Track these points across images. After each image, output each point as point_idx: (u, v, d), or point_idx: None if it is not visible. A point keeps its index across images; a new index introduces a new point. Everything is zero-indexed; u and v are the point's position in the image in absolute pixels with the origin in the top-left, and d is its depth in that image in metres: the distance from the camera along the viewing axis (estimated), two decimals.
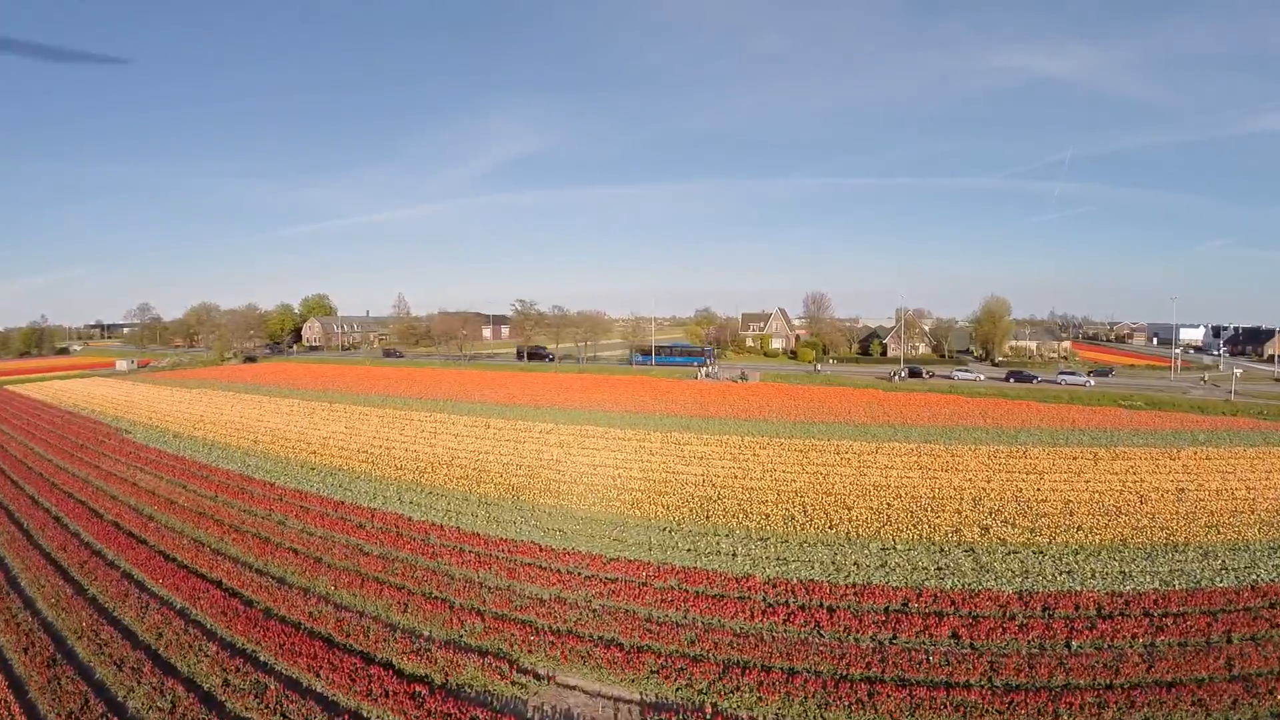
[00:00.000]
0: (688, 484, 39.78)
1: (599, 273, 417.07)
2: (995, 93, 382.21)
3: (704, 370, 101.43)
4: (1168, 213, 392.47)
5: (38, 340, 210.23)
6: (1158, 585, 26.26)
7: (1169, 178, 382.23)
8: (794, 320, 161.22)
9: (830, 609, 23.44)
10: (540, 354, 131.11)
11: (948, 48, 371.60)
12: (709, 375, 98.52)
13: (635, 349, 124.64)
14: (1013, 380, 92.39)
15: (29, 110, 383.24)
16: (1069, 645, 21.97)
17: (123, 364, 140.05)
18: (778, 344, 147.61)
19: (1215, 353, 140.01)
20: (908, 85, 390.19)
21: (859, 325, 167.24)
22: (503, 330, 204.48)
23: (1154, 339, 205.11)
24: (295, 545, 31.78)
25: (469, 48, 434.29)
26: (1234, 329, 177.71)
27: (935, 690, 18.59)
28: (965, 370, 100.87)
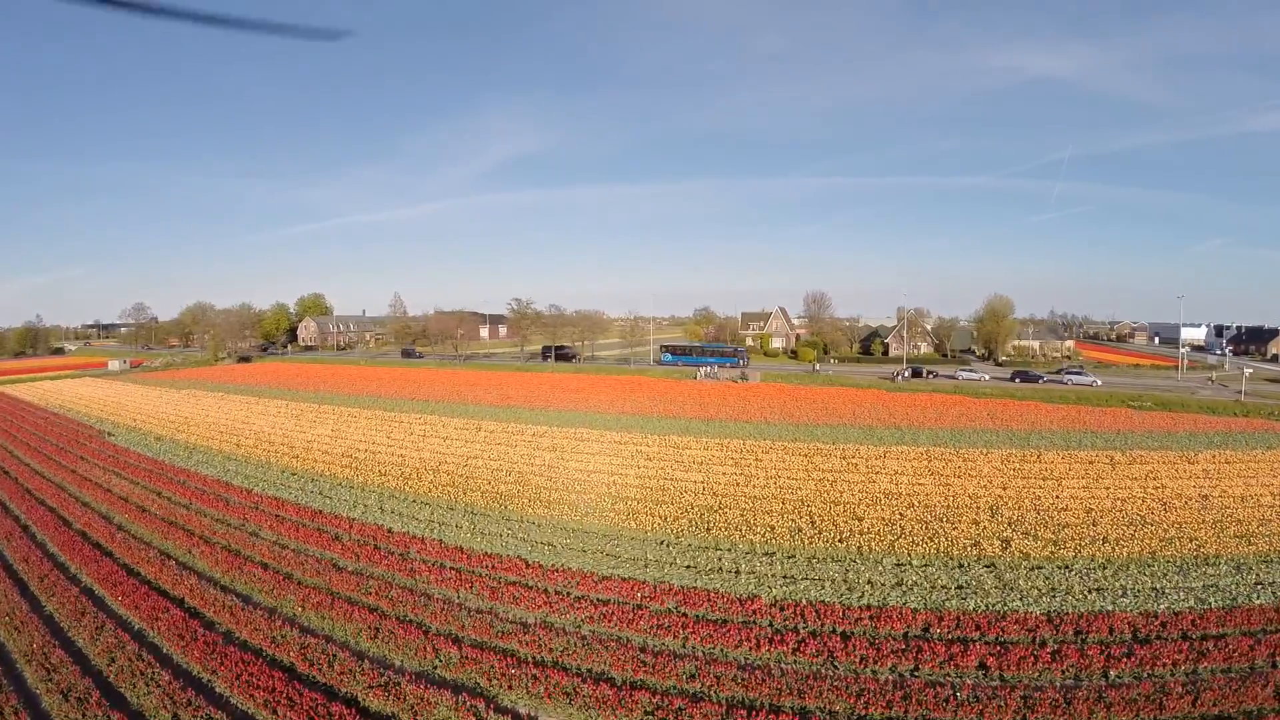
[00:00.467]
0: (687, 492, 37.56)
1: (598, 273, 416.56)
2: (994, 92, 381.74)
3: (703, 370, 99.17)
4: (1167, 212, 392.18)
5: (32, 340, 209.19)
6: (1193, 604, 24.24)
7: (1168, 177, 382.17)
8: (794, 319, 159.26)
9: (844, 635, 21.26)
10: (566, 354, 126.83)
11: (947, 47, 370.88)
12: (708, 375, 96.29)
13: (664, 348, 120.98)
14: (1018, 380, 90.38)
15: (27, 110, 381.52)
16: (1106, 676, 19.89)
17: (115, 364, 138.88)
18: (778, 343, 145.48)
19: (1218, 352, 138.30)
20: (907, 85, 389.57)
21: (860, 324, 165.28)
22: (500, 330, 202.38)
23: (1155, 338, 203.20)
24: (266, 559, 29.68)
25: (467, 46, 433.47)
26: (1236, 328, 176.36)
27: None
28: (969, 370, 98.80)
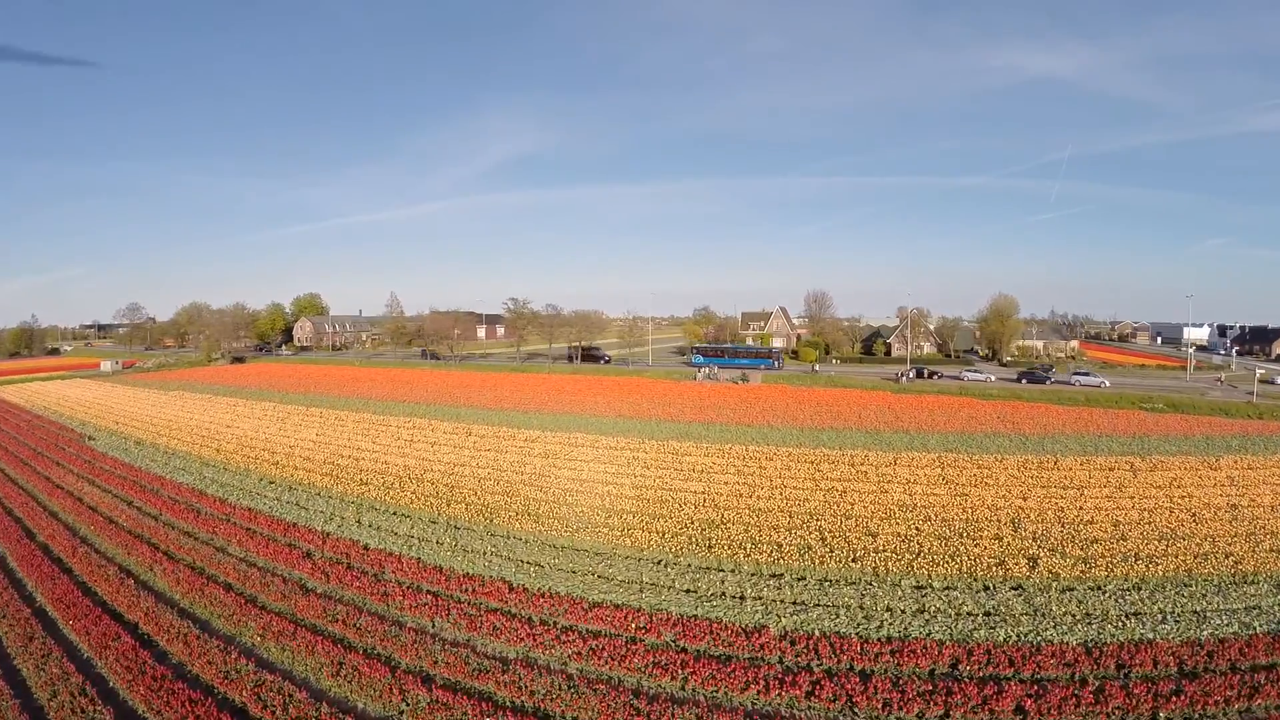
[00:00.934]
0: (686, 504, 35.07)
1: (597, 273, 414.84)
2: (993, 92, 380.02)
3: (703, 371, 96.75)
4: (1166, 212, 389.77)
5: (28, 340, 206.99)
6: (1237, 629, 22.18)
7: (1167, 177, 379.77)
8: (795, 319, 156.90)
9: (864, 675, 18.88)
10: (594, 354, 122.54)
11: (947, 47, 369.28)
12: (708, 376, 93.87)
13: (696, 350, 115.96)
14: (1025, 381, 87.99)
15: (24, 111, 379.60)
16: (1156, 718, 17.67)
17: (107, 365, 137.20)
18: (779, 343, 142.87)
19: (1221, 352, 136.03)
20: (906, 84, 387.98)
21: (861, 324, 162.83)
22: (498, 330, 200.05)
23: (1158, 338, 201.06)
24: (230, 579, 27.47)
25: (465, 46, 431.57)
26: (1240, 328, 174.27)
27: None
28: (975, 371, 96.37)
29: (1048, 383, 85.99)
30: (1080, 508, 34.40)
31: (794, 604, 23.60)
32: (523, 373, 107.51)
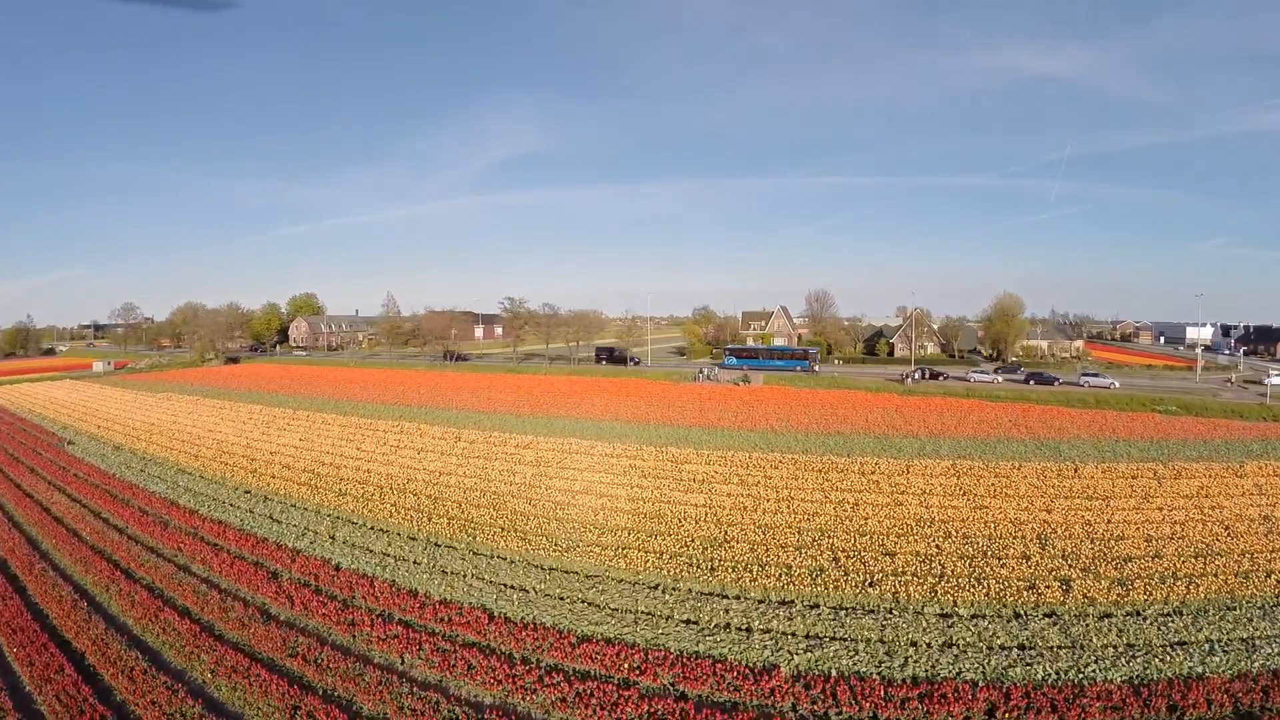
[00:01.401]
0: (687, 519, 32.49)
1: (596, 273, 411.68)
2: (992, 92, 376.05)
3: (704, 372, 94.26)
4: (1166, 211, 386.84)
5: (23, 341, 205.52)
6: None
7: (1167, 176, 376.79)
8: (796, 319, 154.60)
9: None
10: (619, 356, 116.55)
11: (946, 47, 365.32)
12: (708, 377, 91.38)
13: (729, 351, 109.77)
14: (1032, 382, 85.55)
15: (25, 110, 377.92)
16: None
17: (99, 365, 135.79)
18: (780, 343, 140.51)
19: (1226, 352, 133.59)
20: (904, 84, 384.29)
21: (863, 324, 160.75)
22: (496, 330, 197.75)
23: (1161, 338, 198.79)
24: (189, 603, 25.16)
25: (463, 47, 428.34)
26: (1244, 327, 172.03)
27: None
28: (981, 372, 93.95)
29: (1055, 384, 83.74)
30: (1108, 521, 32.06)
31: (807, 638, 21.12)
32: (519, 373, 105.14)
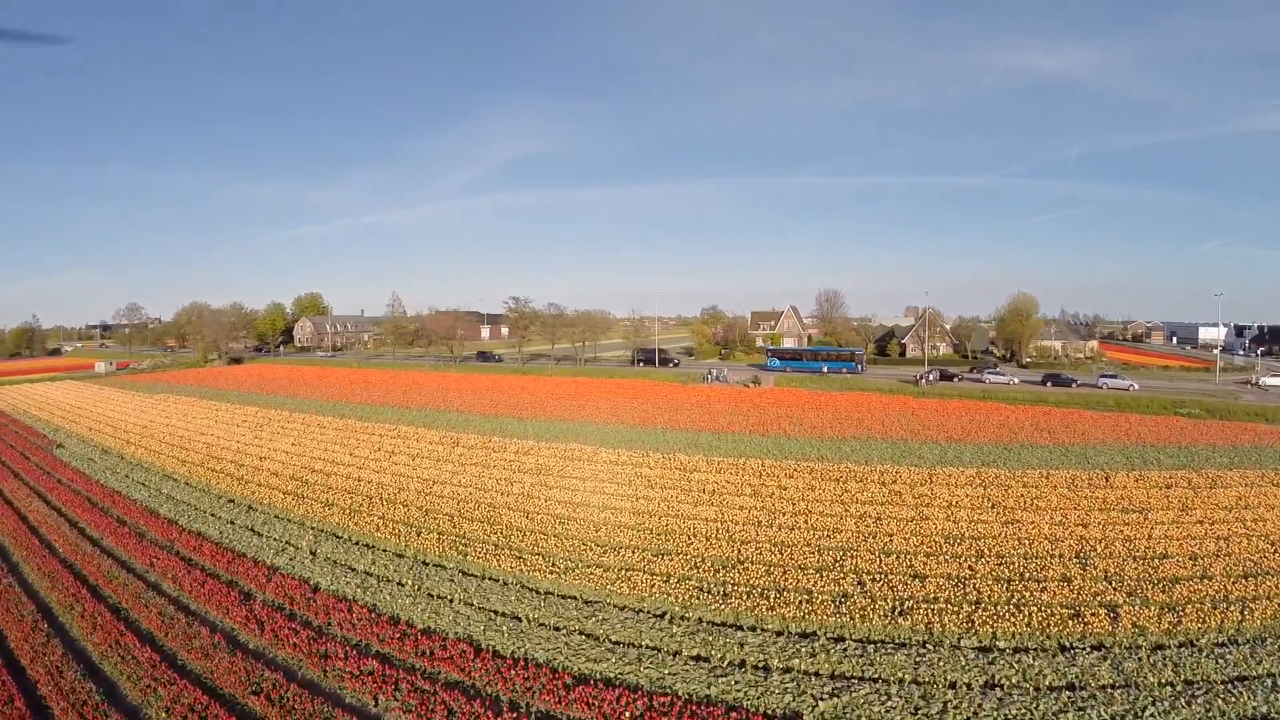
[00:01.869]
0: (697, 536, 29.92)
1: (602, 273, 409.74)
2: (999, 91, 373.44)
3: (713, 374, 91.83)
4: (1175, 211, 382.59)
5: (28, 341, 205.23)
6: None
7: (1176, 176, 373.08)
8: (805, 319, 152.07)
9: None
10: (662, 358, 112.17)
11: (953, 46, 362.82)
12: (718, 379, 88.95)
13: (770, 353, 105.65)
14: (1050, 384, 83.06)
15: (33, 112, 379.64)
16: None
17: (101, 366, 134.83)
18: (790, 344, 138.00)
19: (1240, 352, 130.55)
20: (911, 84, 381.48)
21: (874, 324, 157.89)
22: (502, 330, 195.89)
23: (1173, 338, 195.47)
24: (153, 628, 23.16)
25: (468, 48, 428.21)
26: (1258, 327, 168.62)
27: None
28: (997, 373, 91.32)
29: (1073, 386, 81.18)
30: (1148, 536, 29.62)
31: (832, 678, 18.66)
32: (524, 374, 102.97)
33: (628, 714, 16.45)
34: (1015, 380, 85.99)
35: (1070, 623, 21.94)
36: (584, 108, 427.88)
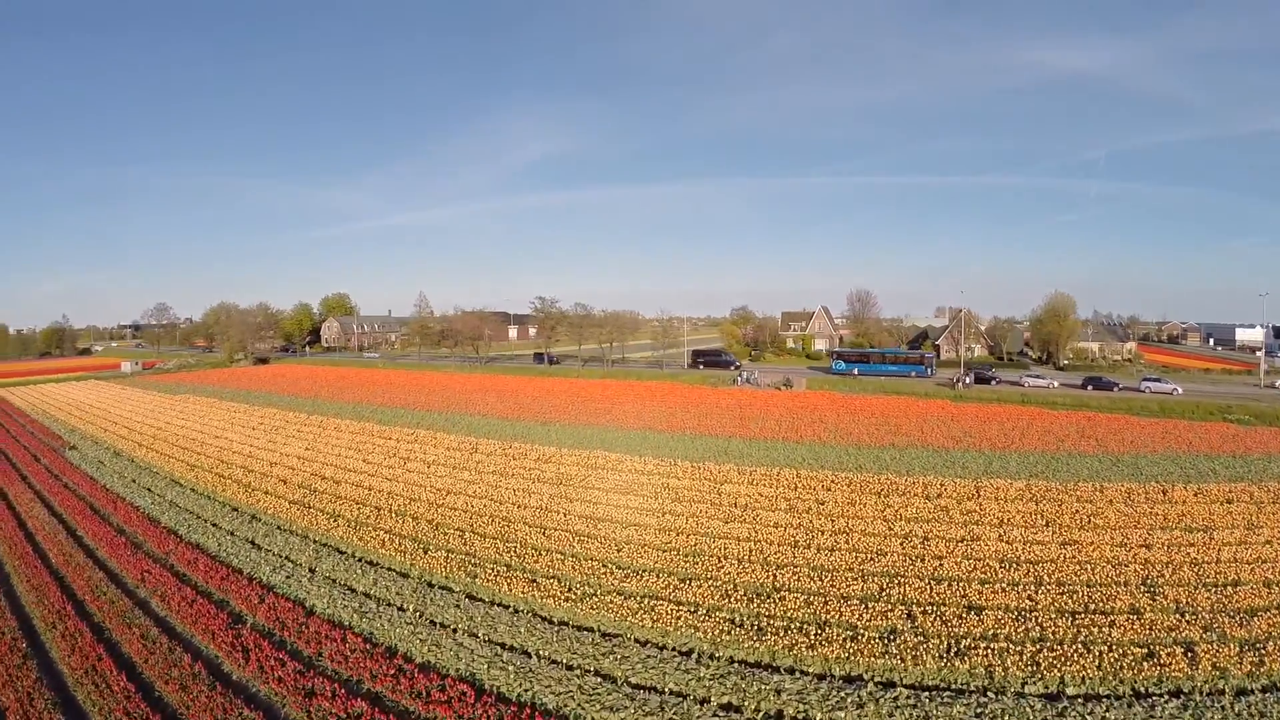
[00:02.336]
0: (728, 559, 27.32)
1: (630, 273, 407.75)
2: (1025, 90, 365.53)
3: (743, 375, 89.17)
4: (1204, 210, 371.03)
5: (58, 341, 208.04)
6: None
7: (1208, 173, 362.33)
8: (837, 319, 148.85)
9: None
10: (721, 360, 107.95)
11: (977, 45, 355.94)
12: (749, 381, 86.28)
13: (836, 355, 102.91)
14: (1090, 388, 79.82)
15: (69, 115, 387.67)
16: None
17: (127, 366, 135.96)
18: (821, 344, 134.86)
19: (1278, 354, 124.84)
20: (937, 83, 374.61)
21: (906, 324, 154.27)
22: (530, 331, 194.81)
23: (1210, 339, 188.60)
24: (133, 653, 21.44)
25: (493, 48, 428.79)
26: None
27: None
28: (1036, 376, 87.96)
29: (1115, 390, 77.72)
30: (1217, 560, 26.92)
31: None
32: (549, 376, 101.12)
33: None
34: (1055, 383, 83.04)
35: (1144, 665, 19.33)
36: (611, 107, 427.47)
